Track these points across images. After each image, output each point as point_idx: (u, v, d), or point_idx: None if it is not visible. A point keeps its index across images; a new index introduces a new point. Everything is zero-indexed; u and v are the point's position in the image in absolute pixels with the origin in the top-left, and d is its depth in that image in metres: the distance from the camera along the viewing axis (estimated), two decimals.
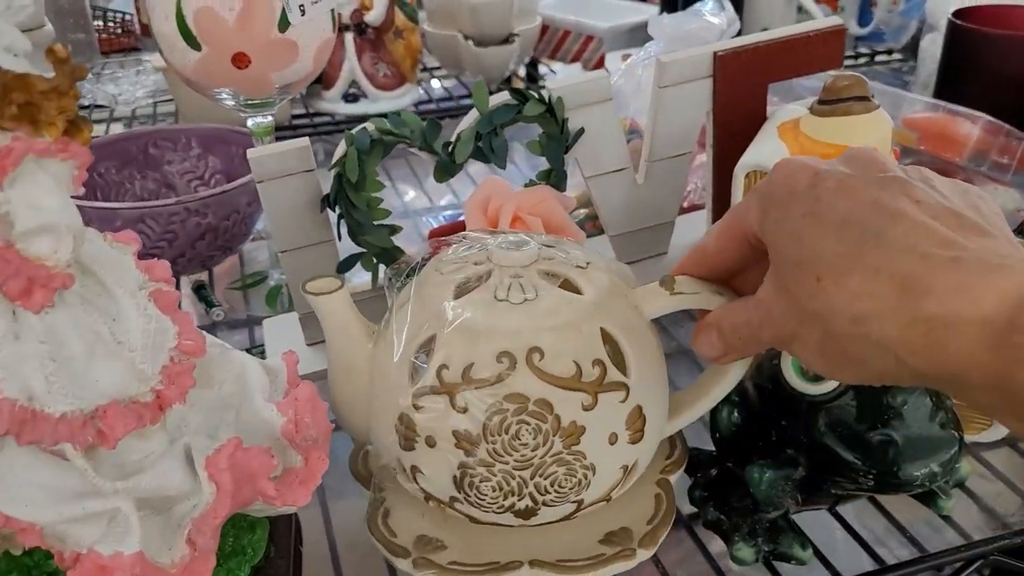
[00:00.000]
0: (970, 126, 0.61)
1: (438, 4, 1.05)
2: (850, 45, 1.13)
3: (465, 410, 0.35)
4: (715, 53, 0.51)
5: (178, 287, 0.64)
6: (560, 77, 0.86)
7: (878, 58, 1.10)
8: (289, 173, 0.48)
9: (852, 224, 0.29)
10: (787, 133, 0.48)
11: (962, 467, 0.43)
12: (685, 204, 0.67)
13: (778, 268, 0.32)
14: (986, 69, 0.75)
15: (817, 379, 0.38)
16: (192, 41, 0.51)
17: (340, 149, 0.48)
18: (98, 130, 0.92)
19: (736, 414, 0.42)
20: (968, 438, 0.47)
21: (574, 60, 1.14)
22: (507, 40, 1.02)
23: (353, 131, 0.48)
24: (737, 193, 0.46)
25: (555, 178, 0.52)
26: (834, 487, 0.40)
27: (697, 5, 0.72)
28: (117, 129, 0.95)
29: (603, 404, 0.36)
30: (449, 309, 0.36)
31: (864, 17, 1.10)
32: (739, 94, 0.52)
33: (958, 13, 0.79)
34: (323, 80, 0.97)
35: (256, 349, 0.55)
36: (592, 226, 0.62)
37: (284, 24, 0.52)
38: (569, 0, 1.18)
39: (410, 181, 0.89)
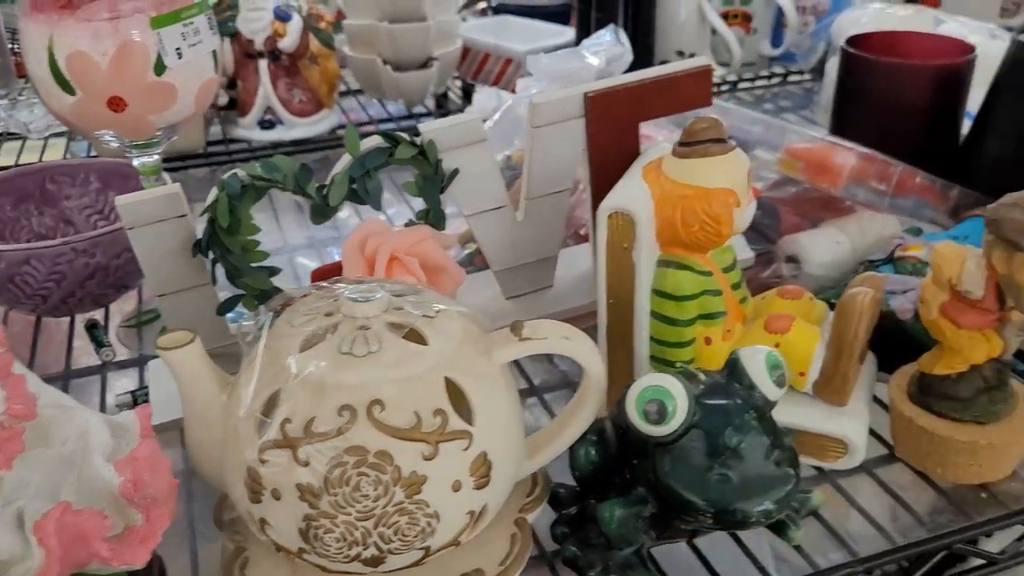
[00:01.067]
0: (846, 155, 0.63)
1: (357, 29, 1.05)
2: (765, 65, 1.15)
3: (307, 463, 0.36)
4: (585, 94, 0.52)
5: (72, 325, 0.64)
6: (478, 99, 0.87)
7: (791, 78, 1.13)
8: (160, 219, 0.48)
9: None
10: (650, 174, 0.49)
11: (814, 497, 0.45)
12: (583, 232, 0.69)
13: None
14: (876, 95, 0.77)
15: (659, 421, 0.39)
16: (66, 86, 0.51)
17: (212, 195, 0.49)
18: (8, 160, 0.92)
19: (593, 452, 0.43)
20: (826, 466, 0.49)
21: (495, 82, 1.15)
22: (426, 64, 1.03)
23: (224, 177, 0.48)
24: (601, 235, 0.47)
25: (433, 218, 0.53)
26: (682, 523, 0.41)
27: (595, 36, 0.74)
28: (31, 158, 0.94)
29: (445, 453, 0.36)
30: (293, 363, 0.37)
31: (777, 38, 1.13)
32: (611, 133, 0.53)
33: (851, 40, 0.81)
34: (238, 106, 0.97)
35: (141, 392, 0.55)
36: (480, 260, 0.63)
37: (160, 68, 0.52)
38: (489, 23, 1.20)
39: None
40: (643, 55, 1.00)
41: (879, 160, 0.63)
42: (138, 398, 0.55)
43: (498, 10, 1.28)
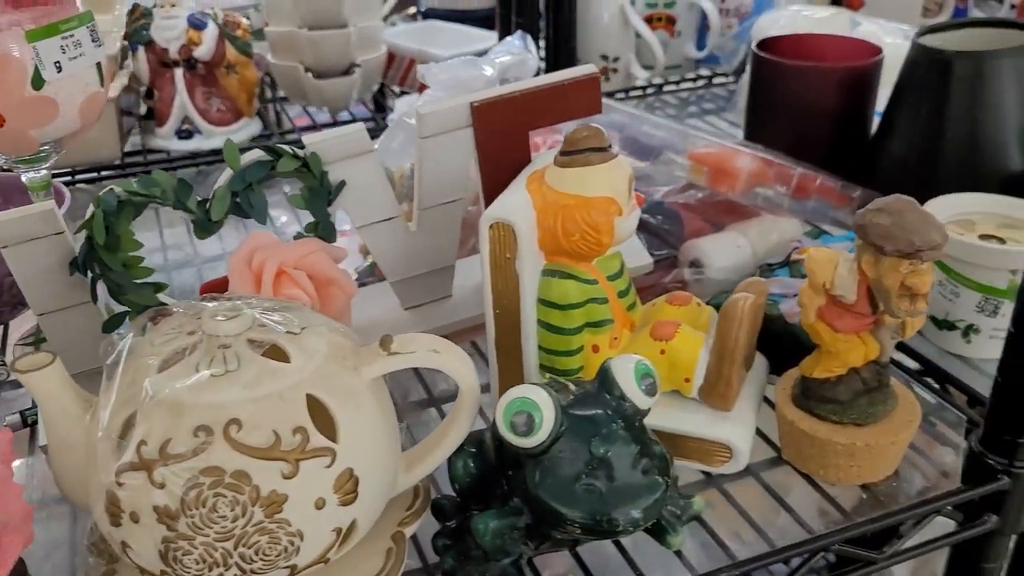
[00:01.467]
0: (745, 159, 0.63)
1: (278, 36, 1.04)
2: (691, 68, 1.16)
3: (163, 486, 0.35)
4: (471, 104, 0.52)
5: None
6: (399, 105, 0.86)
7: (716, 80, 1.14)
8: (35, 237, 0.47)
9: None
10: (533, 183, 0.49)
11: (695, 502, 0.45)
12: None
13: None
14: (786, 98, 0.78)
15: (527, 433, 0.39)
16: None
17: (88, 211, 0.48)
18: None
19: (471, 464, 0.43)
20: (713, 470, 0.49)
21: (422, 89, 1.14)
22: (348, 71, 1.03)
23: (100, 193, 0.47)
24: (484, 245, 0.47)
25: (322, 230, 0.53)
26: (556, 533, 0.41)
27: (504, 43, 0.74)
28: None
29: (306, 471, 0.36)
30: (150, 384, 0.36)
31: (701, 41, 1.14)
32: (500, 143, 0.53)
33: (762, 43, 0.82)
34: (156, 116, 0.96)
35: (30, 412, 0.54)
36: (379, 271, 0.63)
37: (39, 82, 0.51)
38: (416, 29, 1.19)
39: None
40: (566, 60, 1.00)
41: (778, 163, 0.64)
42: (28, 418, 0.54)
43: (427, 15, 1.28)
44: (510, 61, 0.64)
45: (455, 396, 0.57)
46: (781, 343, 0.53)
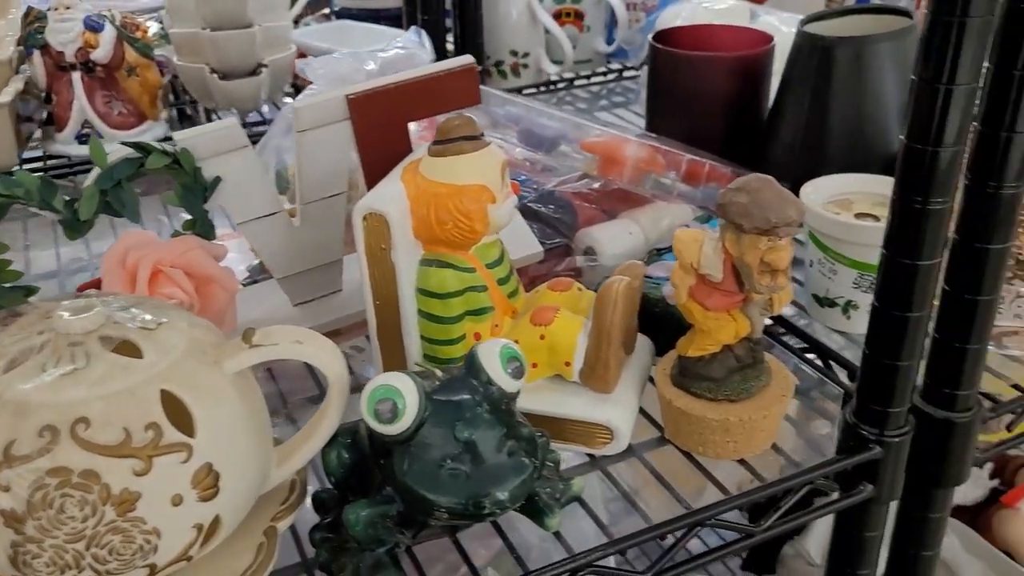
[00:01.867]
0: (634, 147, 0.64)
1: (183, 37, 1.03)
2: (602, 62, 1.17)
3: (8, 488, 0.34)
4: (346, 96, 0.52)
5: None
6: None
7: (625, 74, 1.15)
8: None
9: None
10: (407, 174, 0.49)
11: (575, 484, 0.45)
12: None
13: None
14: (682, 88, 0.79)
15: (391, 420, 0.39)
16: None
17: None
18: None
19: (345, 455, 0.43)
20: (596, 452, 0.50)
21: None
22: (255, 72, 1.01)
23: None
24: (359, 237, 0.47)
25: (201, 227, 0.52)
26: (429, 519, 0.41)
27: (399, 39, 0.74)
28: None
29: (160, 467, 0.36)
30: None
31: (610, 35, 1.15)
32: (379, 135, 0.53)
33: (659, 35, 0.83)
34: (55, 121, 0.94)
35: None
36: None
37: None
38: (327, 28, 1.19)
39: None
40: (473, 56, 1.00)
41: (665, 150, 0.65)
42: None
43: (340, 15, 1.27)
44: (394, 56, 0.64)
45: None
46: (664, 325, 0.54)
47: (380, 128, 0.53)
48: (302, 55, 1.13)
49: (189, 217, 0.52)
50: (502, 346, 0.41)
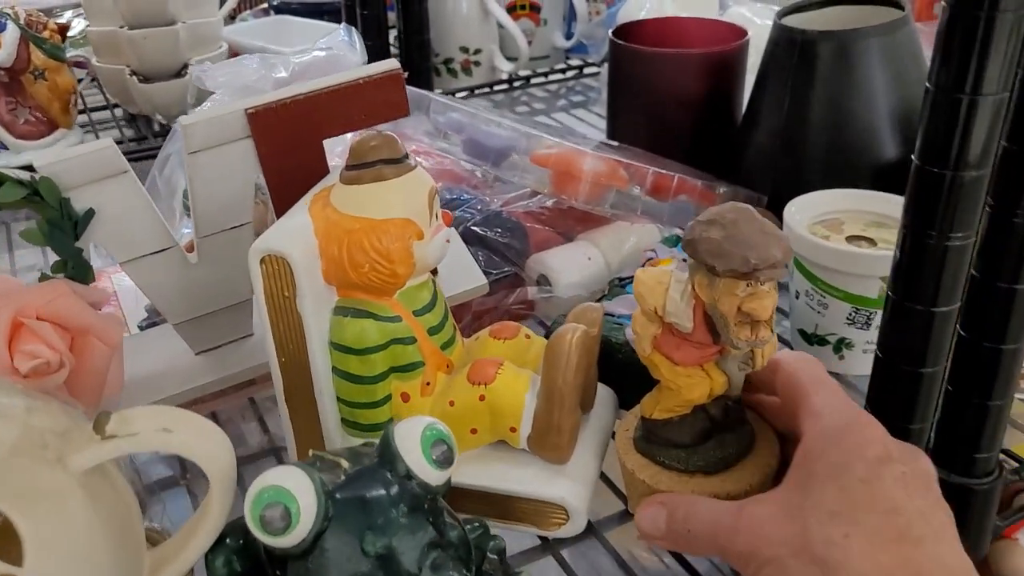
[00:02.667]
0: (591, 161, 0.56)
1: (101, 36, 0.94)
2: (561, 58, 1.09)
3: None
4: (246, 110, 0.43)
5: None
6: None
7: (587, 71, 1.07)
8: None
9: (900, 517, 0.32)
10: (317, 205, 0.41)
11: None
12: None
13: (806, 498, 0.33)
14: (646, 87, 0.71)
15: (284, 529, 0.31)
16: None
17: None
18: None
19: (234, 562, 0.35)
20: (549, 534, 0.42)
21: None
22: (180, 73, 0.92)
23: None
24: (257, 283, 0.39)
25: (74, 269, 0.44)
26: None
27: (328, 37, 0.65)
28: None
29: None
30: None
31: (570, 29, 1.07)
32: (288, 155, 0.45)
33: (620, 29, 0.75)
34: None
35: None
36: None
37: None
38: (263, 24, 1.10)
39: None
40: (418, 55, 0.92)
41: (627, 162, 0.57)
42: None
43: (279, 9, 1.18)
44: (312, 60, 0.55)
45: None
46: (629, 373, 0.46)
47: (289, 147, 0.45)
48: (234, 54, 1.04)
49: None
50: (424, 427, 0.33)
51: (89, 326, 0.43)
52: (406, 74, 0.46)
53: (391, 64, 0.46)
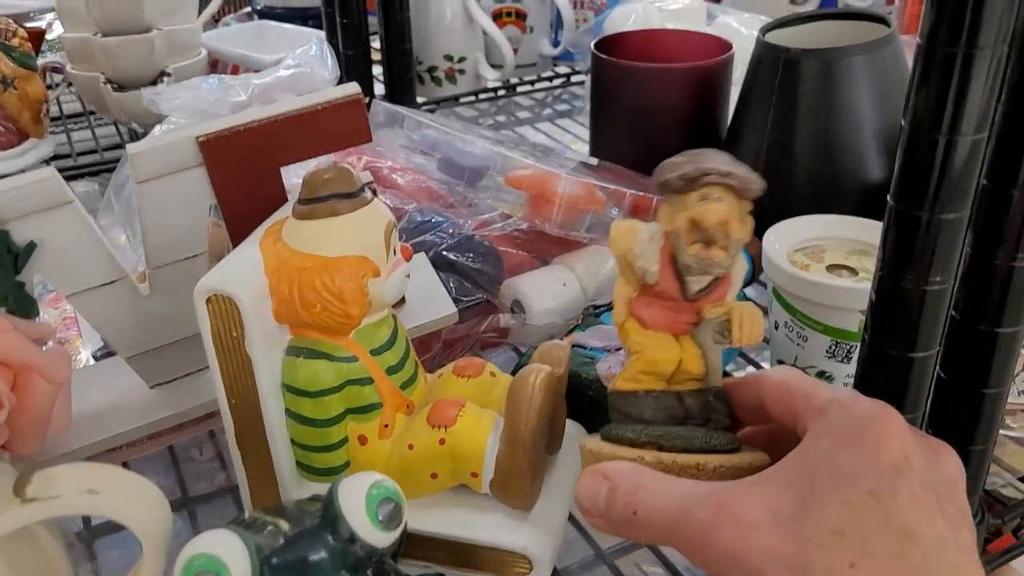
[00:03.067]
0: (567, 184, 0.54)
1: (74, 43, 0.91)
2: (548, 66, 1.07)
3: None
4: (197, 138, 0.41)
5: None
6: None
7: (573, 79, 1.05)
8: None
9: (916, 547, 0.27)
10: (268, 240, 0.39)
11: None
12: None
13: (807, 511, 0.28)
14: (628, 103, 0.70)
15: None
16: None
17: None
18: None
19: None
20: None
21: None
22: (156, 81, 0.90)
23: None
24: (203, 323, 0.37)
25: (15, 304, 0.42)
26: None
27: (297, 52, 0.63)
28: None
29: None
30: None
31: (556, 37, 1.05)
32: (243, 184, 0.43)
33: (602, 42, 0.74)
34: None
35: None
36: None
37: None
38: (244, 30, 1.08)
39: None
40: (399, 63, 0.90)
41: (602, 186, 0.55)
42: None
43: (262, 14, 1.16)
44: (274, 81, 0.53)
45: None
46: (600, 410, 0.44)
47: (244, 175, 0.43)
48: (215, 62, 1.02)
49: None
50: (370, 485, 0.31)
51: (31, 363, 0.41)
52: (367, 99, 0.44)
53: (352, 88, 0.44)
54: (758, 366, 0.54)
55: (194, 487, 0.47)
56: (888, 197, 0.33)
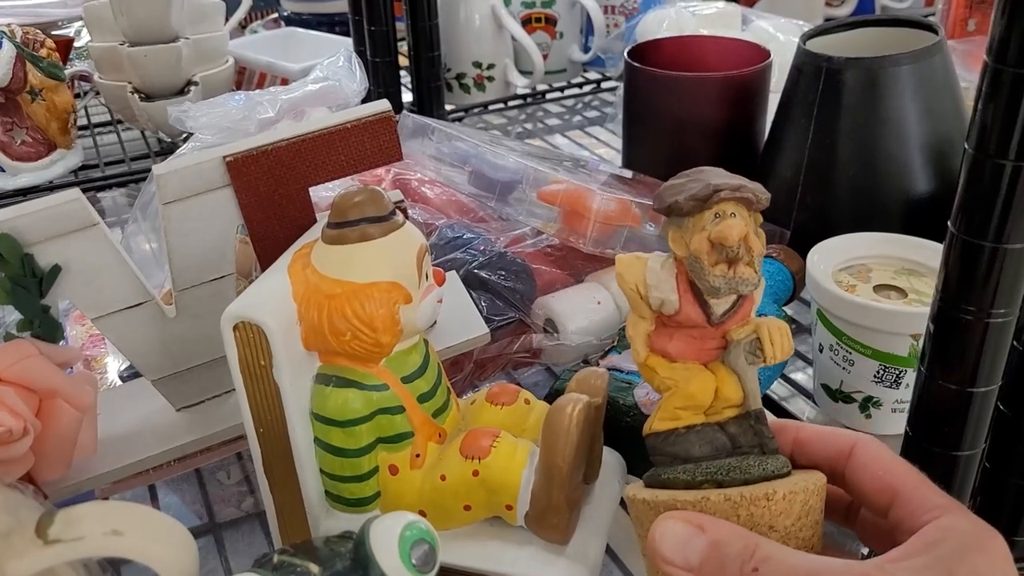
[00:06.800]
0: (601, 200, 0.52)
1: (102, 52, 0.91)
2: (577, 71, 1.06)
3: None
4: (224, 158, 0.40)
5: None
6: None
7: (604, 85, 1.03)
8: None
9: None
10: (296, 265, 0.38)
11: None
12: None
13: None
14: (662, 112, 0.68)
15: None
16: None
17: None
18: None
19: None
20: None
21: None
22: (183, 90, 0.90)
23: None
24: (230, 350, 0.36)
25: (41, 328, 0.41)
26: None
27: (325, 65, 0.62)
28: None
29: None
30: None
31: (587, 42, 1.03)
32: (273, 203, 0.42)
33: (636, 50, 0.72)
34: None
35: None
36: None
37: None
38: (271, 37, 1.07)
39: None
40: (427, 71, 0.88)
41: (638, 200, 0.53)
42: None
43: (289, 21, 1.15)
44: (300, 96, 0.52)
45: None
46: (638, 437, 0.43)
47: (272, 196, 0.42)
48: (241, 69, 1.02)
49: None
50: (403, 526, 0.30)
51: (57, 389, 0.41)
52: (397, 117, 0.43)
53: (382, 106, 0.42)
54: (805, 392, 0.52)
55: (221, 512, 0.46)
56: (948, 223, 0.31)
